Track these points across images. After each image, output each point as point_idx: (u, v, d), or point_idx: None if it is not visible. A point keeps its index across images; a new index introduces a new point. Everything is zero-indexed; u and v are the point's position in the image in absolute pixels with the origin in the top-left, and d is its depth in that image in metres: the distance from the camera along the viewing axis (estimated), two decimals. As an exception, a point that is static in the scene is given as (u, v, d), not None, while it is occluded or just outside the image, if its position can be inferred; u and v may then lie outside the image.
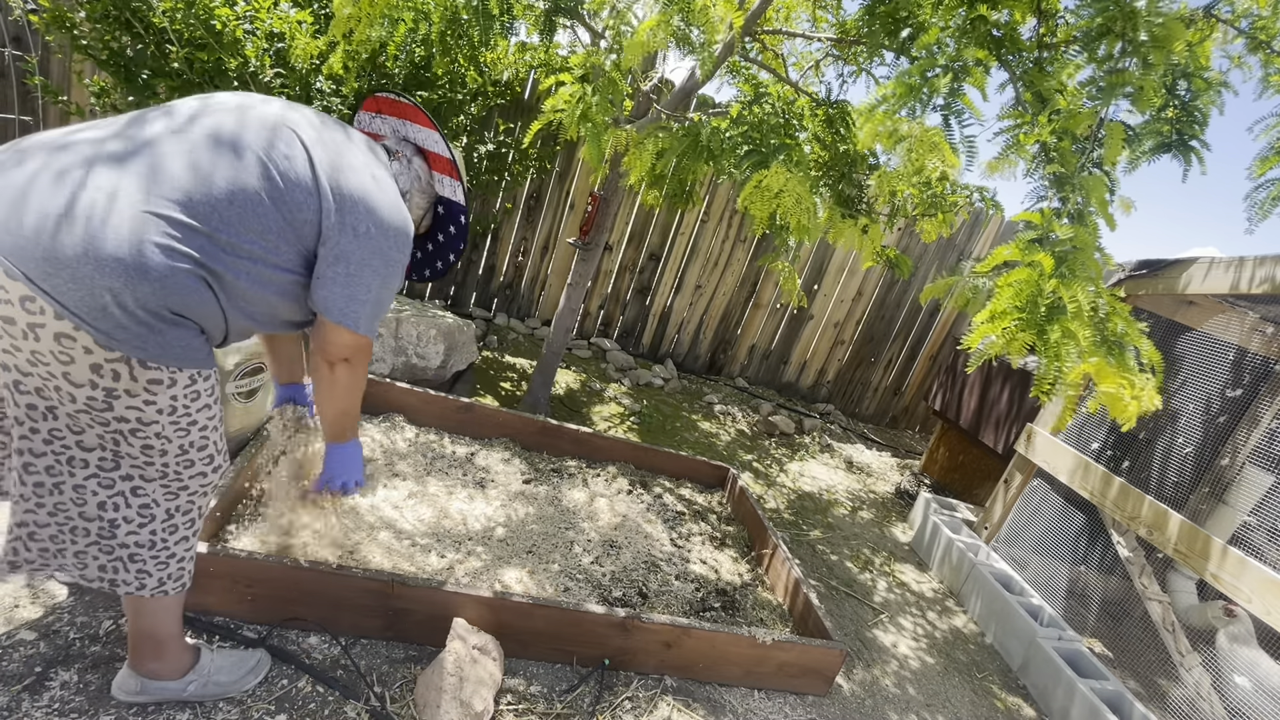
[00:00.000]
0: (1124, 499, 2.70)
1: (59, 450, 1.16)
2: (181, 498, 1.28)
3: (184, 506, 1.30)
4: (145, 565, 1.27)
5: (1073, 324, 1.39)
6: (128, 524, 1.24)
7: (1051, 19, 1.94)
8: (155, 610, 1.35)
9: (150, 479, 1.23)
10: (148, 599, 1.32)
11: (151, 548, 1.27)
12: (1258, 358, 2.64)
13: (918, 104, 1.71)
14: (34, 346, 1.05)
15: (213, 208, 1.14)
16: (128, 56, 2.66)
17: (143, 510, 1.24)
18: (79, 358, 1.06)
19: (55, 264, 1.01)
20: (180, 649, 1.44)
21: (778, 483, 4.02)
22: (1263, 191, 1.90)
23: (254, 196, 1.18)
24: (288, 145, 1.24)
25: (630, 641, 1.92)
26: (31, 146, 1.10)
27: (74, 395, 1.10)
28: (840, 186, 2.73)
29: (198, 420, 1.23)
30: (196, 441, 1.25)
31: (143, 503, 1.24)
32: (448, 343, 3.46)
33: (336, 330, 1.34)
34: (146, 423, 1.16)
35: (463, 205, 1.68)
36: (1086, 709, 2.37)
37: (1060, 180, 1.62)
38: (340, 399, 1.49)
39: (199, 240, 1.13)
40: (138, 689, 1.41)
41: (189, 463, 1.26)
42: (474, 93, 4.09)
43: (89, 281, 1.03)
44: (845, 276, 5.60)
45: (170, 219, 1.09)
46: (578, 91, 2.25)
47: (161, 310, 1.10)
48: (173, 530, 1.29)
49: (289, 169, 1.22)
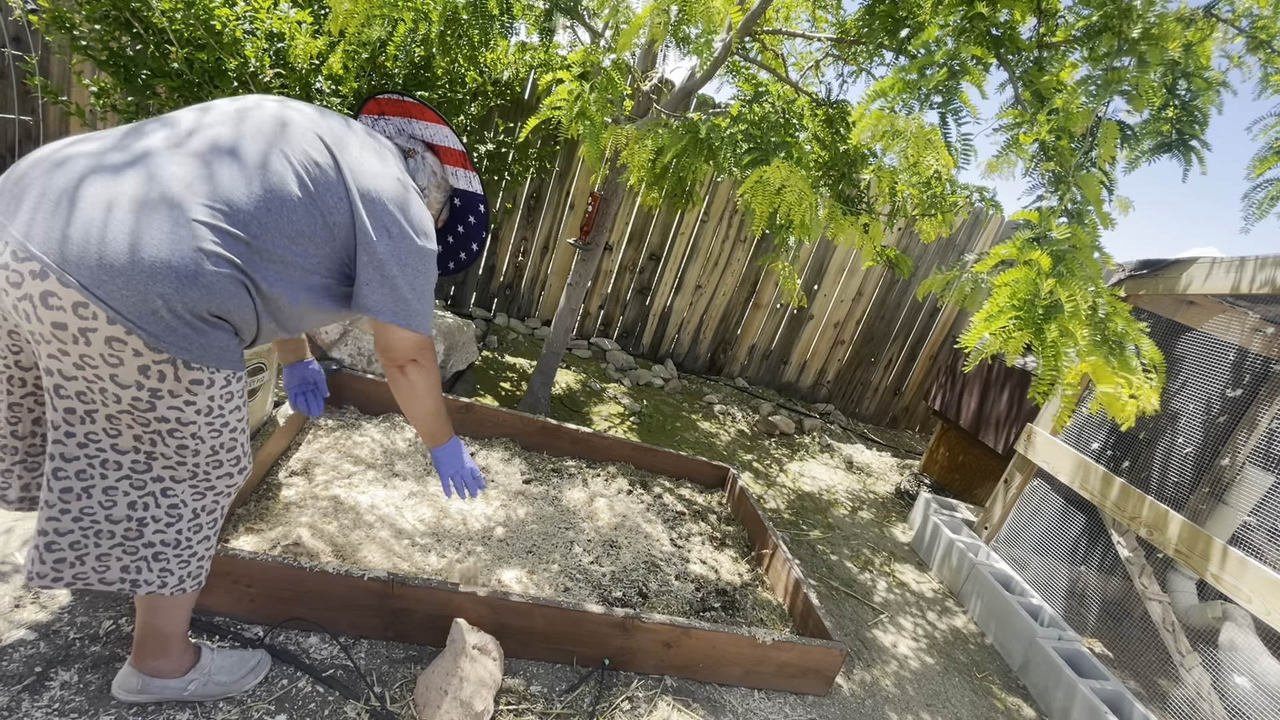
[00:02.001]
0: (1124, 499, 2.70)
1: (93, 454, 1.18)
2: (208, 498, 1.31)
3: (209, 506, 1.32)
4: (169, 564, 1.30)
5: (1070, 323, 1.39)
6: (155, 523, 1.26)
7: (1051, 18, 1.94)
8: (169, 607, 1.37)
9: (180, 479, 1.26)
10: (165, 596, 1.34)
11: (176, 546, 1.29)
12: (1258, 358, 2.64)
13: (915, 101, 1.71)
14: (83, 350, 1.08)
15: (252, 215, 1.17)
16: (127, 56, 2.67)
17: (171, 510, 1.27)
18: (128, 360, 1.10)
19: (109, 272, 1.04)
20: (184, 647, 1.45)
21: (778, 483, 4.02)
22: (1260, 192, 1.89)
23: (290, 202, 1.21)
24: (317, 151, 1.28)
25: (630, 641, 1.92)
26: (71, 154, 1.12)
27: (119, 396, 1.13)
28: (840, 186, 2.73)
29: (229, 421, 1.26)
30: (226, 443, 1.28)
31: (171, 503, 1.26)
32: (448, 342, 3.46)
33: (396, 332, 1.39)
34: (185, 423, 1.19)
35: (480, 194, 1.71)
36: (1086, 709, 2.36)
37: (1058, 179, 1.62)
38: (424, 399, 1.53)
39: (239, 247, 1.16)
40: (139, 687, 1.41)
41: (218, 463, 1.28)
42: (474, 92, 4.09)
43: (142, 288, 1.06)
44: (845, 276, 5.60)
45: (214, 226, 1.13)
46: (576, 89, 2.25)
47: (204, 313, 1.14)
48: (197, 529, 1.32)
49: (320, 175, 1.26)
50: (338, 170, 1.28)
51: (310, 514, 2.08)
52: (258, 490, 2.13)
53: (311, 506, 2.12)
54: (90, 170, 1.09)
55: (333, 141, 1.31)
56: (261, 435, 2.19)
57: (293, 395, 1.92)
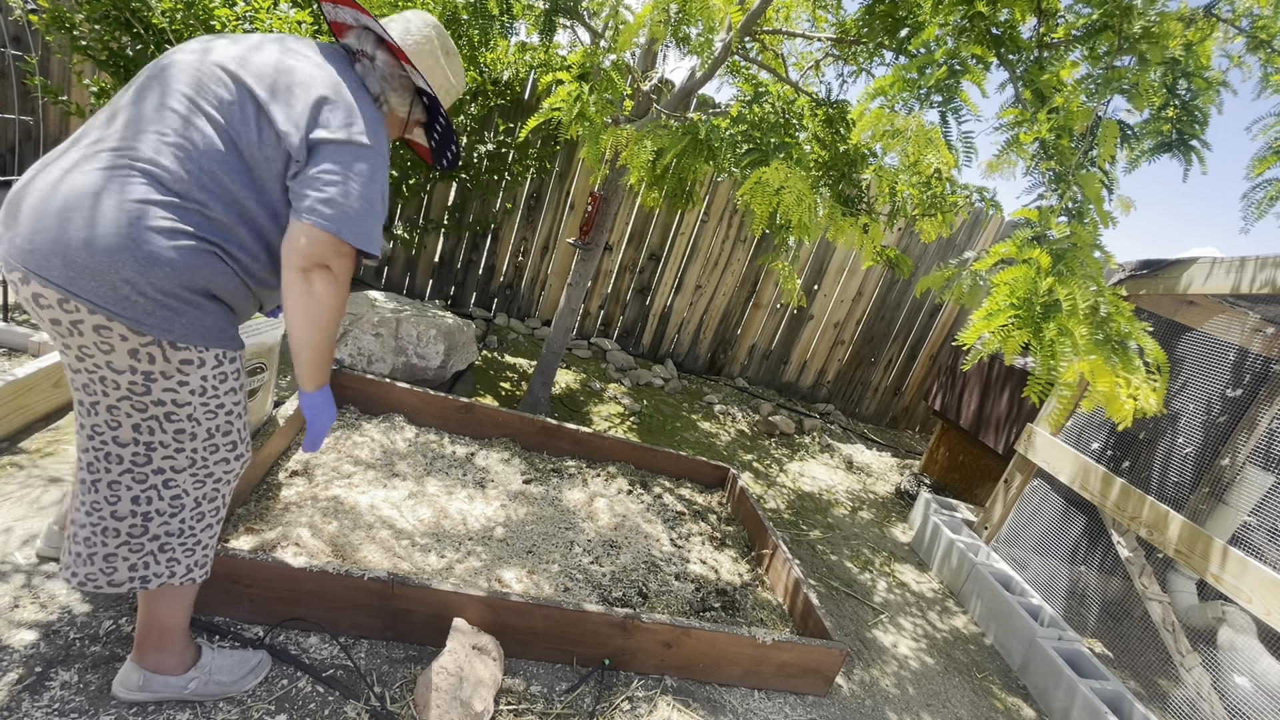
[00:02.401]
0: (1124, 499, 2.70)
1: (98, 446, 1.22)
2: (208, 485, 1.32)
3: (210, 494, 1.34)
4: (175, 554, 1.32)
5: (1069, 322, 1.39)
6: (160, 516, 1.28)
7: (1052, 17, 1.94)
8: (172, 599, 1.38)
9: (180, 469, 1.27)
10: (172, 587, 1.36)
11: (180, 535, 1.31)
12: (1258, 358, 2.63)
13: (915, 100, 1.71)
14: (80, 341, 1.13)
15: (192, 179, 1.16)
16: (127, 56, 2.67)
17: (174, 501, 1.29)
18: (117, 345, 1.13)
19: (75, 268, 1.08)
20: (185, 643, 1.46)
21: (778, 483, 4.02)
22: (1260, 191, 1.89)
23: (219, 155, 1.18)
24: (226, 89, 1.20)
25: (630, 641, 1.92)
26: (53, 155, 1.17)
27: (117, 383, 1.16)
28: (840, 186, 2.73)
29: (225, 404, 1.27)
30: (222, 426, 1.29)
31: (174, 494, 1.29)
32: (448, 343, 3.46)
33: (310, 230, 1.20)
34: (180, 404, 1.21)
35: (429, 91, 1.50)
36: (1086, 709, 2.36)
37: (1058, 177, 1.62)
38: (323, 320, 1.27)
39: (192, 216, 1.16)
40: (139, 684, 1.41)
41: (214, 448, 1.29)
42: (474, 92, 4.09)
43: (107, 277, 1.09)
44: (845, 276, 5.60)
45: (158, 202, 1.13)
46: (575, 90, 2.25)
47: (180, 291, 1.15)
48: (200, 518, 1.34)
49: (236, 114, 1.19)
50: (252, 98, 1.20)
51: (310, 514, 2.08)
52: (258, 490, 2.13)
53: (311, 507, 2.12)
54: (58, 168, 1.13)
55: (241, 70, 1.22)
56: (261, 435, 2.18)
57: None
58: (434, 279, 4.97)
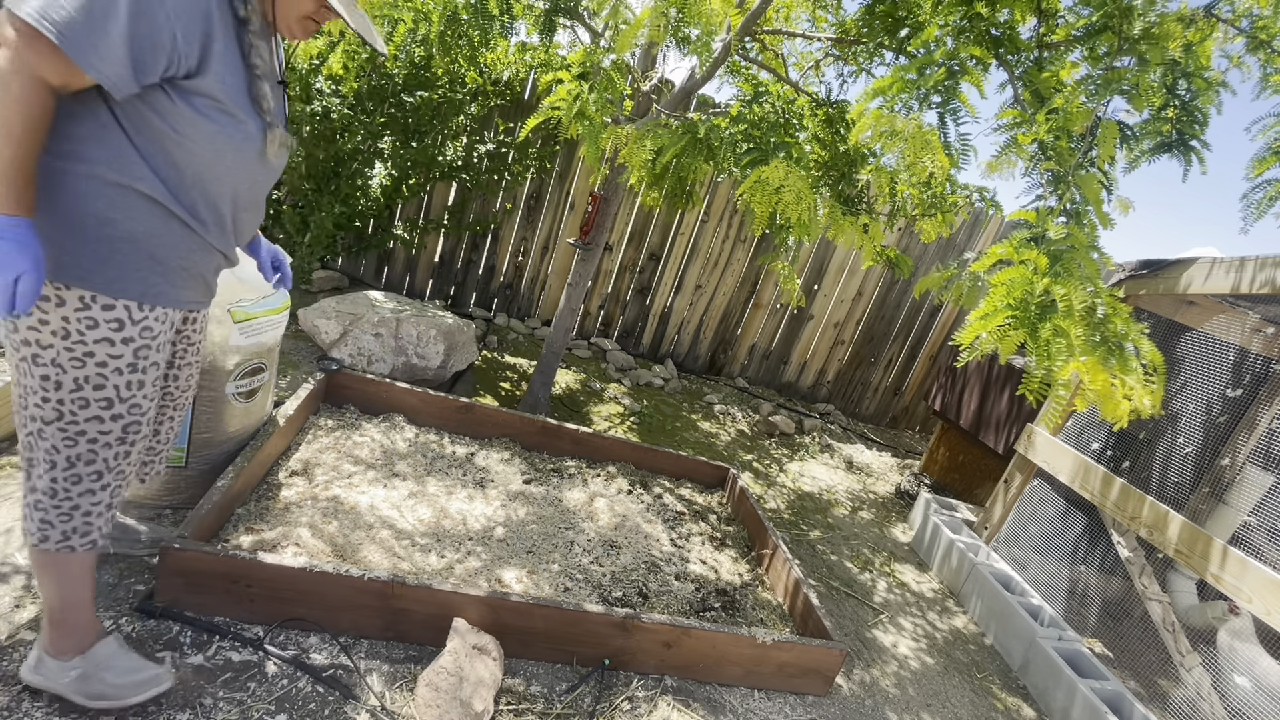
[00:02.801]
0: (1124, 499, 2.70)
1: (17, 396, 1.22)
2: (80, 444, 1.24)
3: (85, 455, 1.25)
4: (48, 515, 1.26)
5: (1064, 322, 1.39)
6: (35, 467, 1.25)
7: (1051, 18, 1.94)
8: (56, 568, 1.30)
9: (49, 420, 1.21)
10: (52, 554, 1.28)
11: (53, 496, 1.25)
12: (1258, 358, 2.63)
13: (914, 101, 1.71)
14: None
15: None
16: None
17: (47, 455, 1.24)
18: None
19: None
20: (80, 625, 1.36)
21: (778, 483, 4.02)
22: (1259, 192, 1.89)
23: None
24: None
25: (630, 641, 1.93)
26: None
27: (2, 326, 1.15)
28: (840, 186, 2.73)
29: (95, 353, 1.19)
30: (93, 378, 1.20)
31: (46, 447, 1.23)
32: (448, 343, 3.46)
33: None
34: (44, 345, 1.16)
35: None
36: (1086, 709, 2.36)
37: (1057, 179, 1.62)
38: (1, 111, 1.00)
39: None
40: (33, 664, 1.35)
41: (83, 402, 1.21)
42: (474, 92, 4.10)
43: None
44: (845, 276, 5.60)
45: None
46: (575, 89, 2.25)
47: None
48: (75, 480, 1.26)
49: None
50: None
51: (310, 514, 2.08)
52: (258, 490, 2.14)
53: (311, 507, 2.12)
54: None
55: None
56: (261, 435, 2.19)
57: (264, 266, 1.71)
58: (434, 279, 4.98)
